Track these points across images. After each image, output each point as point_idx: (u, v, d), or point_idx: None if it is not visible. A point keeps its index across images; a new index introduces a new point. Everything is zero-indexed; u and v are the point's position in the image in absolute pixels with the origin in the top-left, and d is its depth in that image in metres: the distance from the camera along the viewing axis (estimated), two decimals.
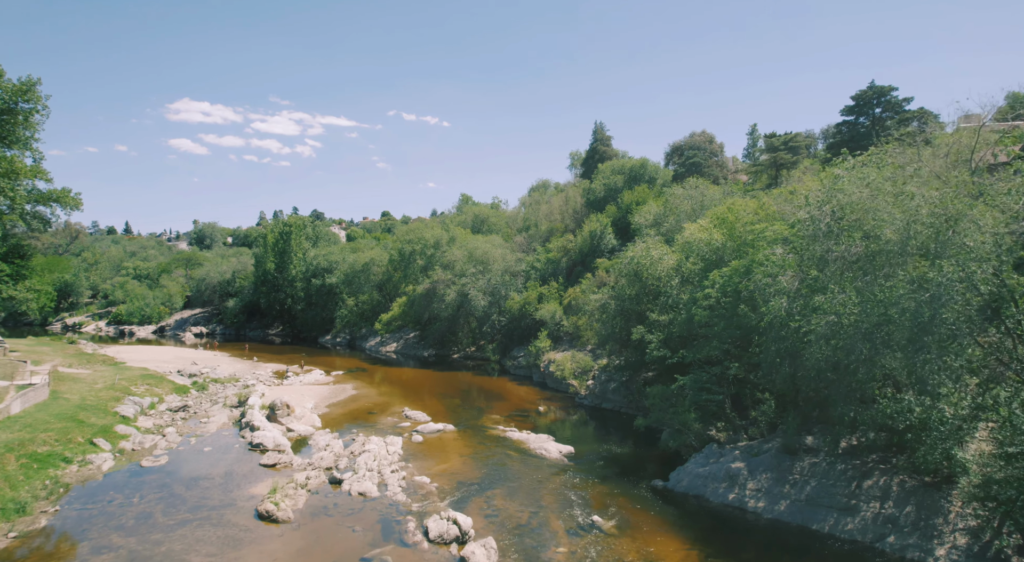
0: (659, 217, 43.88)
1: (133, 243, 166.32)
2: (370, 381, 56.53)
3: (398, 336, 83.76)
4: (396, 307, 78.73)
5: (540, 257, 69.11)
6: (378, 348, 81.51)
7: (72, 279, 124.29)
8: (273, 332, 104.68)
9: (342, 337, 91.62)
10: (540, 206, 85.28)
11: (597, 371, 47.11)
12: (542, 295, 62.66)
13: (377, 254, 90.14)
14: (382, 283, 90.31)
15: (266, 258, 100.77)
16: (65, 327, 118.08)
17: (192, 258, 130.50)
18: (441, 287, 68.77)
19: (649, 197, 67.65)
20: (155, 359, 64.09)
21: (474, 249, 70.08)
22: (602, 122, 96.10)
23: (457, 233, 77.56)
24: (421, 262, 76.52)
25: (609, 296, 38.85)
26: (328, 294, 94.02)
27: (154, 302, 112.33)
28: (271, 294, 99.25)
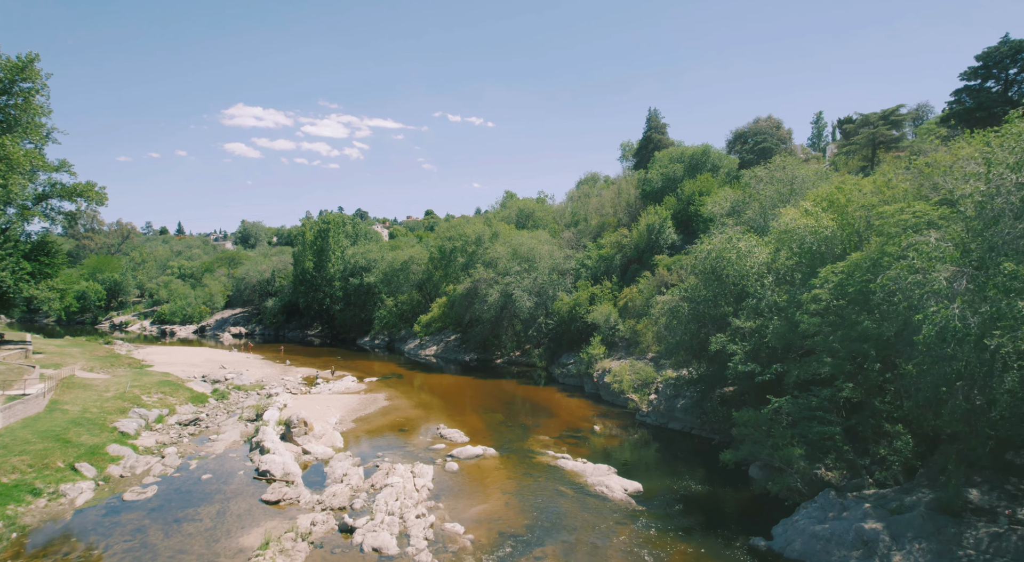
0: (737, 204, 37.09)
1: (180, 243, 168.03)
2: (405, 389, 51.53)
3: (438, 339, 78.93)
4: (436, 308, 73.87)
5: (591, 254, 62.92)
6: (417, 351, 76.84)
7: (120, 278, 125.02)
8: (312, 333, 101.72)
9: (380, 339, 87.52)
10: (590, 199, 78.96)
11: (661, 384, 40.65)
12: (594, 296, 56.47)
13: (417, 252, 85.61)
14: (422, 282, 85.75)
15: (304, 257, 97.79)
16: (113, 326, 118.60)
17: (234, 257, 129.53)
18: (483, 287, 63.39)
19: (713, 186, 60.48)
20: (184, 362, 60.98)
21: (518, 245, 64.45)
22: (656, 109, 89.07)
23: (500, 228, 72.14)
24: (462, 260, 71.39)
25: (680, 298, 32.44)
26: (366, 294, 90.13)
27: (195, 302, 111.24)
28: (309, 294, 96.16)
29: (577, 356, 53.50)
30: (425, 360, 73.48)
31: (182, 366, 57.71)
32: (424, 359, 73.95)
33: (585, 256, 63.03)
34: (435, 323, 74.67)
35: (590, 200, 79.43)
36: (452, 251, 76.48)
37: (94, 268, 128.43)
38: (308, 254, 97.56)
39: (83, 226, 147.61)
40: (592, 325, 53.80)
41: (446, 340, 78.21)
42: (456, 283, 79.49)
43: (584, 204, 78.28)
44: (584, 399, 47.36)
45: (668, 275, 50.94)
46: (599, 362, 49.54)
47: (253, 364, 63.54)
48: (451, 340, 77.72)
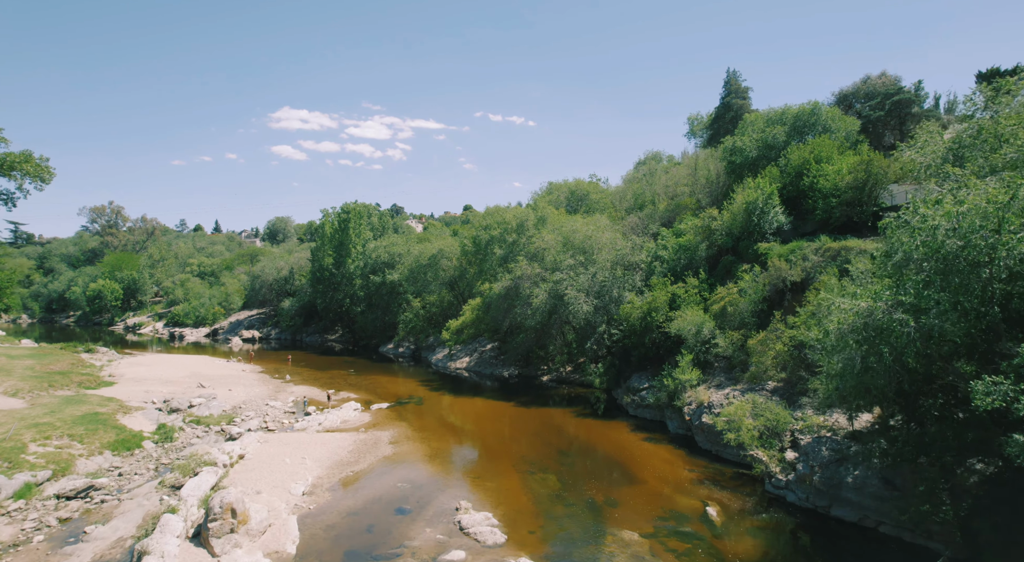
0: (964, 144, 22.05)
1: (203, 239, 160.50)
2: (422, 425, 38.35)
3: (471, 348, 65.76)
4: (468, 311, 60.67)
5: (666, 242, 48.58)
6: (445, 363, 63.84)
7: (137, 276, 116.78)
8: (332, 338, 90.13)
9: (405, 347, 74.97)
10: (655, 178, 64.46)
11: (806, 436, 26.12)
12: (675, 297, 42.12)
13: (447, 244, 72.70)
14: (453, 280, 72.79)
15: (323, 252, 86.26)
16: (127, 327, 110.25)
17: (256, 253, 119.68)
18: (526, 285, 49.76)
19: (833, 151, 45.28)
20: (158, 378, 49.50)
21: (571, 233, 50.57)
22: (736, 70, 73.56)
23: (548, 213, 58.34)
24: (500, 252, 57.97)
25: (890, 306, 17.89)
26: (390, 294, 77.76)
27: (210, 302, 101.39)
28: (328, 294, 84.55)
29: (655, 380, 39.34)
30: (455, 374, 60.45)
31: (151, 384, 46.15)
32: (454, 373, 60.93)
33: (659, 246, 48.66)
34: (467, 329, 61.52)
35: (657, 178, 64.80)
36: (488, 242, 63.14)
37: (112, 266, 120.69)
38: (327, 249, 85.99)
39: (106, 222, 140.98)
40: (676, 338, 39.53)
41: (480, 350, 64.99)
42: (493, 281, 66.29)
43: (650, 183, 63.71)
44: (672, 445, 33.19)
45: (787, 268, 36.24)
46: (690, 390, 35.26)
47: (245, 380, 51.61)
48: (486, 350, 64.46)
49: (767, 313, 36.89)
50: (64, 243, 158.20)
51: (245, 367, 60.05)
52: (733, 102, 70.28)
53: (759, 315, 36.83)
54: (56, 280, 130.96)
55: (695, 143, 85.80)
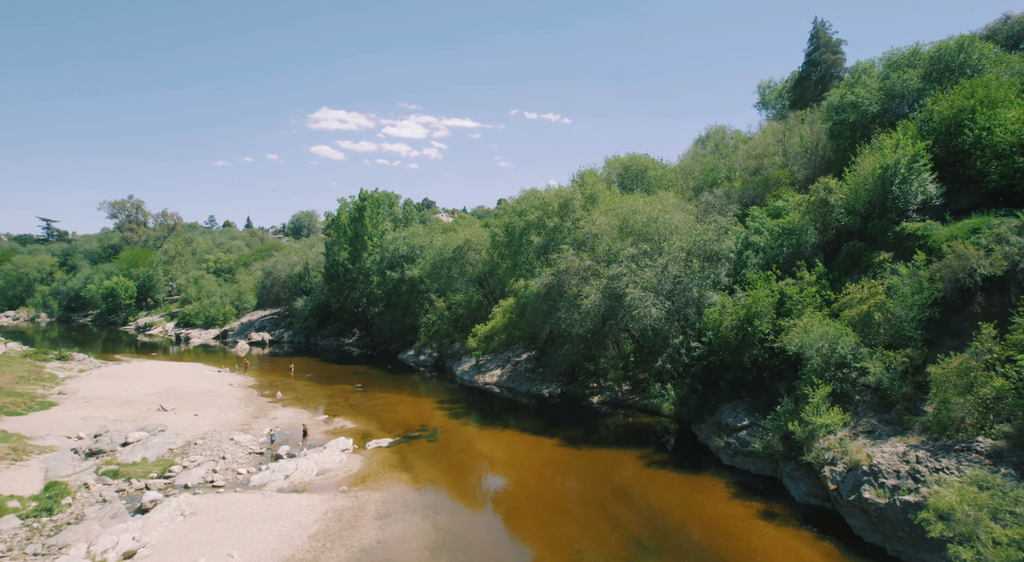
0: None
1: (223, 234, 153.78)
2: (431, 475, 27.47)
3: (503, 358, 54.80)
4: (499, 314, 49.58)
5: (760, 224, 36.55)
6: (473, 376, 53.06)
7: (151, 273, 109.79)
8: (349, 342, 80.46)
9: (427, 354, 64.52)
10: (730, 149, 52.16)
11: None
12: (784, 297, 30.13)
13: (475, 234, 61.89)
14: (482, 276, 61.96)
15: (338, 245, 76.53)
16: (138, 328, 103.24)
17: (275, 249, 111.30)
18: (573, 282, 38.39)
19: (1010, 93, 32.48)
20: (117, 397, 40.08)
21: (629, 215, 38.97)
22: (824, 19, 60.44)
23: (599, 190, 46.66)
24: (538, 240, 46.66)
25: None
26: (410, 292, 67.39)
27: (220, 301, 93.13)
28: (343, 292, 74.77)
29: (762, 416, 27.62)
30: (484, 389, 49.69)
31: (99, 407, 36.64)
32: (483, 387, 50.17)
33: (750, 229, 36.63)
34: (498, 336, 50.48)
35: (730, 151, 52.45)
36: (523, 230, 51.93)
37: (128, 263, 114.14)
38: (342, 242, 76.22)
39: (126, 217, 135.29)
40: (790, 356, 27.70)
41: (514, 360, 53.96)
42: (529, 276, 55.29)
43: (723, 156, 51.43)
44: (804, 527, 21.48)
45: (978, 256, 24.01)
46: (825, 437, 23.38)
47: (223, 399, 41.77)
48: (521, 361, 53.39)
49: (940, 323, 24.72)
50: (89, 240, 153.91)
51: (234, 380, 50.37)
52: (822, 58, 57.26)
53: (928, 325, 24.68)
54: (74, 277, 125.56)
55: (765, 116, 72.76)
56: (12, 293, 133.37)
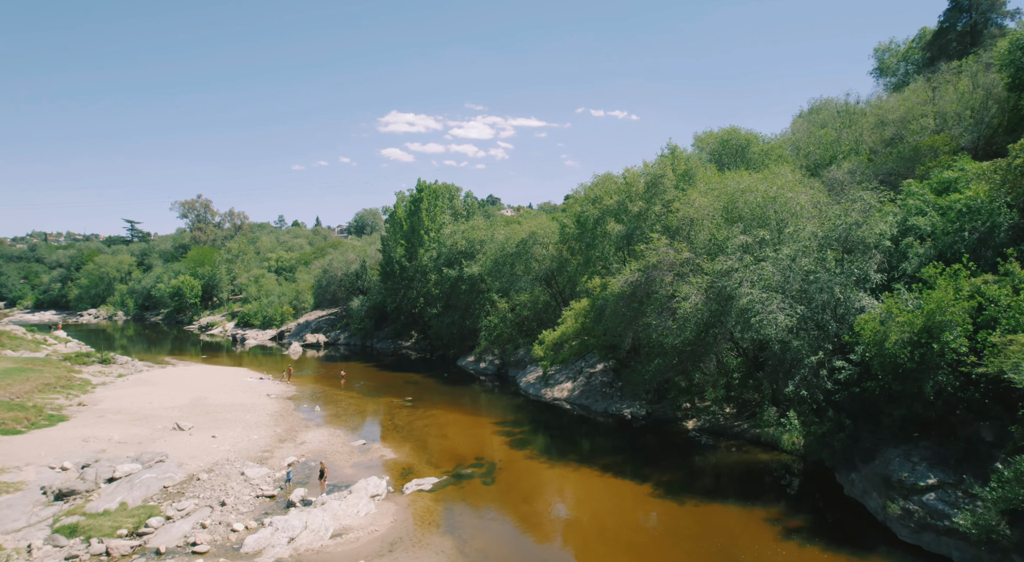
0: None
1: (287, 233, 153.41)
2: (482, 542, 20.38)
3: (574, 369, 47.23)
4: (570, 318, 42.02)
5: (921, 202, 27.29)
6: (539, 389, 45.80)
7: (214, 272, 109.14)
8: (407, 344, 75.04)
9: (488, 361, 57.79)
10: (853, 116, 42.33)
11: None
12: (985, 300, 21.04)
13: (542, 226, 54.55)
14: (550, 274, 54.58)
15: (394, 241, 71.19)
16: (201, 327, 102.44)
17: (335, 246, 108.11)
18: (666, 279, 30.35)
19: None
20: (136, 410, 35.46)
21: (738, 194, 30.54)
22: None
23: (694, 167, 37.94)
24: (618, 229, 38.73)
25: None
26: (470, 292, 60.90)
27: (278, 301, 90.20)
28: (399, 292, 69.30)
29: (959, 473, 18.88)
30: (553, 404, 42.42)
31: (110, 424, 31.93)
32: (551, 403, 42.89)
33: (910, 209, 27.39)
34: (569, 343, 42.95)
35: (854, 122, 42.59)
36: (598, 220, 44.26)
37: (195, 262, 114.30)
38: (398, 237, 70.81)
39: (195, 217, 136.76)
40: (1003, 387, 18.80)
41: (588, 372, 46.25)
42: (605, 273, 47.55)
43: (847, 125, 41.71)
44: None
45: None
46: None
47: (252, 415, 36.44)
48: (596, 372, 45.63)
49: None
50: (164, 240, 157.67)
51: (274, 389, 45.28)
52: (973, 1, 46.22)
53: None
54: (147, 276, 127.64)
55: (884, 83, 61.51)
56: (95, 292, 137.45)
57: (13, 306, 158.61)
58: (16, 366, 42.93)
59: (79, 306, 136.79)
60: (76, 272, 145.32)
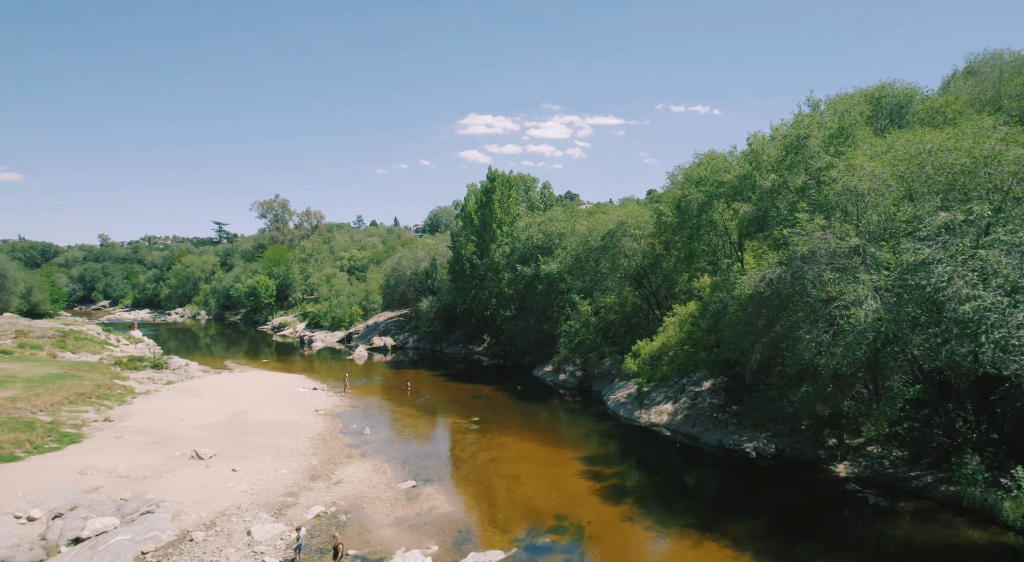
0: None
1: (361, 232, 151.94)
2: None
3: (674, 387, 38.69)
4: (672, 326, 33.85)
5: None
6: (632, 411, 37.73)
7: (288, 271, 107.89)
8: (479, 349, 68.83)
9: (568, 371, 50.20)
10: None
11: None
12: None
13: (632, 214, 46.34)
14: (641, 272, 46.38)
15: (464, 238, 65.11)
16: (274, 328, 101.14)
17: (406, 244, 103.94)
18: (825, 275, 21.70)
19: None
20: (162, 430, 30.70)
21: (926, 154, 21.34)
22: None
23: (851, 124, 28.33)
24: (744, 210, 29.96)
25: None
26: (547, 292, 53.55)
27: (347, 301, 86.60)
28: (469, 292, 63.09)
29: None
30: (650, 430, 34.31)
31: (131, 445, 27.11)
32: (647, 427, 34.84)
33: None
34: (670, 355, 34.77)
35: None
36: (705, 205, 35.89)
37: (271, 261, 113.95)
38: (468, 233, 64.66)
39: (273, 216, 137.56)
40: None
41: (693, 390, 37.64)
42: (714, 271, 39.28)
43: None
44: None
45: None
46: None
47: (291, 439, 30.84)
48: (703, 392, 36.96)
49: None
50: (247, 240, 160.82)
51: (325, 404, 39.81)
52: None
53: None
54: (228, 276, 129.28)
55: None
56: (181, 291, 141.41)
57: (115, 304, 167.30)
58: (61, 372, 39.80)
59: (168, 305, 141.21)
60: (167, 272, 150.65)
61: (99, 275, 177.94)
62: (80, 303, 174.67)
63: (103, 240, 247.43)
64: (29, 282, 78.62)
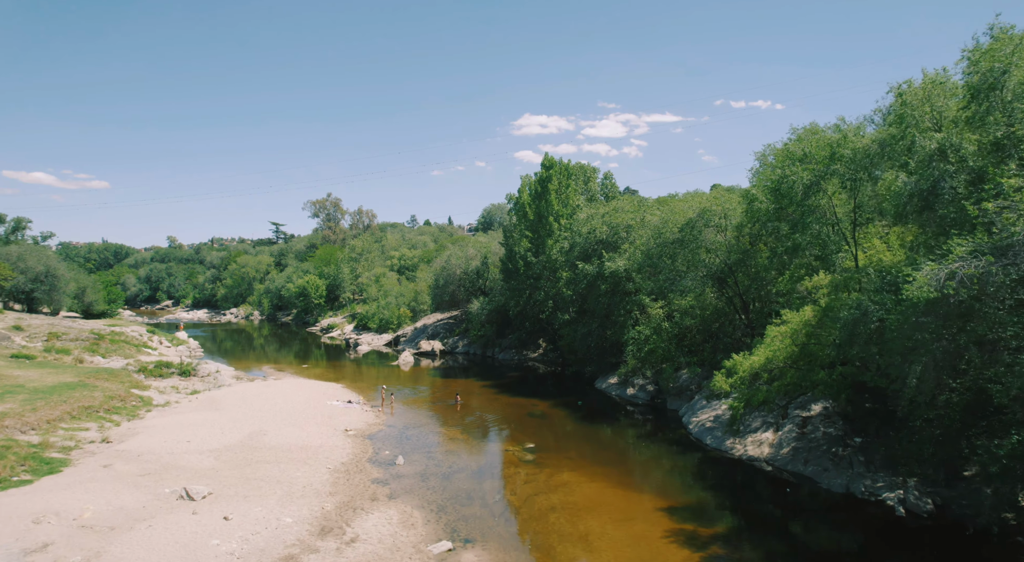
0: None
1: (413, 230, 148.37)
2: None
3: (775, 409, 31.30)
4: (779, 337, 26.67)
5: None
6: (723, 439, 30.68)
7: (337, 271, 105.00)
8: (533, 356, 62.89)
9: (638, 385, 43.37)
10: None
11: None
12: None
13: (717, 201, 39.13)
14: (725, 270, 39.15)
15: (518, 233, 59.18)
16: (322, 329, 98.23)
17: (456, 242, 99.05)
18: None
19: None
20: (159, 454, 26.10)
21: None
22: None
23: None
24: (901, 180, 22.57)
25: None
26: (612, 293, 46.85)
27: (395, 302, 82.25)
28: (523, 293, 57.08)
29: None
30: (749, 464, 27.32)
31: (116, 478, 22.48)
32: (743, 461, 27.78)
33: None
34: (775, 372, 27.62)
35: None
36: (812, 186, 28.95)
37: (322, 261, 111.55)
38: (522, 228, 58.67)
39: (326, 216, 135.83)
40: None
41: (799, 415, 30.22)
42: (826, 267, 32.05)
43: None
44: None
45: None
46: None
47: (308, 470, 25.62)
48: (813, 417, 29.52)
49: None
50: (301, 240, 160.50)
51: (356, 423, 34.57)
52: None
53: None
54: (279, 276, 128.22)
55: None
56: (237, 291, 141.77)
57: (177, 304, 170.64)
58: (76, 380, 36.23)
59: (223, 305, 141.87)
60: (223, 272, 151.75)
61: (163, 275, 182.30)
62: (146, 302, 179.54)
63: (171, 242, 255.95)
64: (82, 282, 77.98)
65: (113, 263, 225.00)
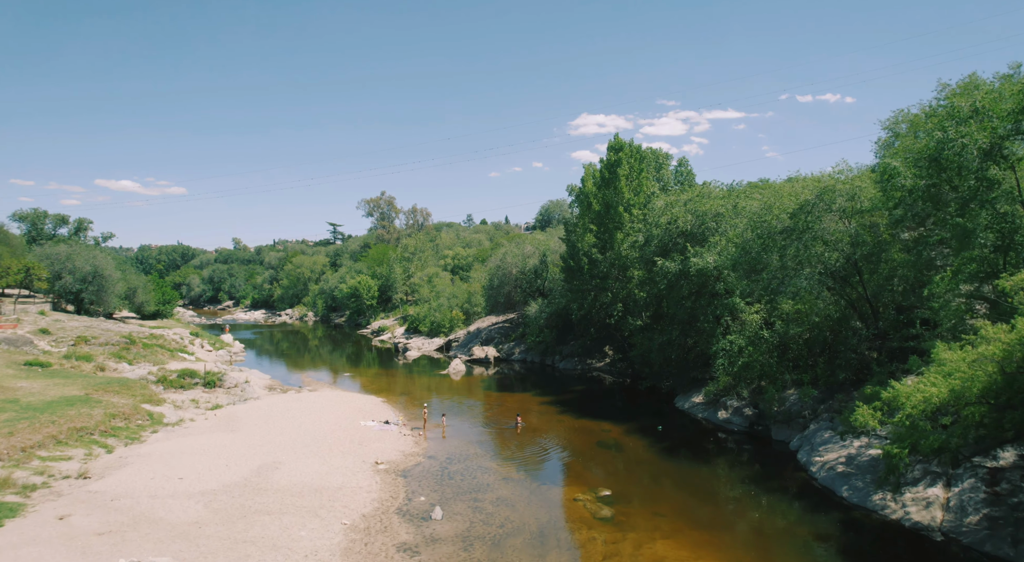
0: None
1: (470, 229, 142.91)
2: None
3: (941, 457, 23.06)
4: (961, 365, 18.59)
5: None
6: (868, 494, 22.73)
7: (388, 271, 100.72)
8: (599, 365, 55.69)
9: (731, 406, 35.61)
10: None
11: None
12: None
13: (841, 180, 30.88)
14: (849, 266, 30.89)
15: (581, 227, 52.14)
16: (373, 332, 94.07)
17: (512, 240, 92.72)
18: None
19: None
20: (139, 498, 20.74)
21: None
22: None
23: None
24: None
25: None
26: (698, 295, 39.14)
27: (447, 304, 76.64)
28: (587, 294, 50.00)
29: None
30: (910, 529, 19.37)
31: (81, 529, 17.09)
32: (905, 527, 19.82)
33: None
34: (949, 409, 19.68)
35: None
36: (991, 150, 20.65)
37: (375, 261, 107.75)
38: (586, 221, 51.63)
39: (380, 215, 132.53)
40: None
41: (980, 467, 21.92)
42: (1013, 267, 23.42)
43: None
44: None
45: None
46: None
47: (319, 524, 19.68)
48: (1007, 469, 21.14)
49: None
50: (356, 240, 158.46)
51: (388, 453, 28.53)
52: None
53: None
54: (333, 277, 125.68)
55: None
56: (292, 292, 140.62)
57: (237, 305, 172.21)
58: (82, 394, 31.95)
59: (280, 306, 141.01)
60: (280, 273, 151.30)
61: (225, 276, 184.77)
62: (209, 303, 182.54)
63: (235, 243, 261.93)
64: (132, 283, 76.24)
65: (181, 264, 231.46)
